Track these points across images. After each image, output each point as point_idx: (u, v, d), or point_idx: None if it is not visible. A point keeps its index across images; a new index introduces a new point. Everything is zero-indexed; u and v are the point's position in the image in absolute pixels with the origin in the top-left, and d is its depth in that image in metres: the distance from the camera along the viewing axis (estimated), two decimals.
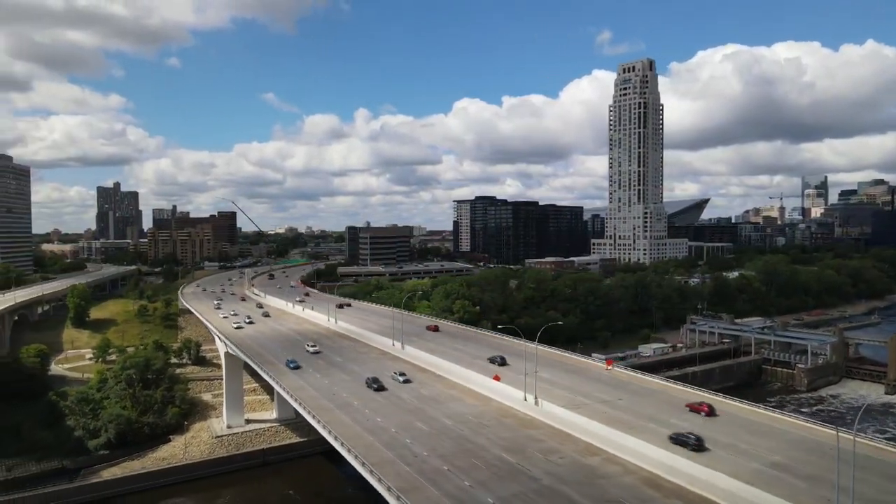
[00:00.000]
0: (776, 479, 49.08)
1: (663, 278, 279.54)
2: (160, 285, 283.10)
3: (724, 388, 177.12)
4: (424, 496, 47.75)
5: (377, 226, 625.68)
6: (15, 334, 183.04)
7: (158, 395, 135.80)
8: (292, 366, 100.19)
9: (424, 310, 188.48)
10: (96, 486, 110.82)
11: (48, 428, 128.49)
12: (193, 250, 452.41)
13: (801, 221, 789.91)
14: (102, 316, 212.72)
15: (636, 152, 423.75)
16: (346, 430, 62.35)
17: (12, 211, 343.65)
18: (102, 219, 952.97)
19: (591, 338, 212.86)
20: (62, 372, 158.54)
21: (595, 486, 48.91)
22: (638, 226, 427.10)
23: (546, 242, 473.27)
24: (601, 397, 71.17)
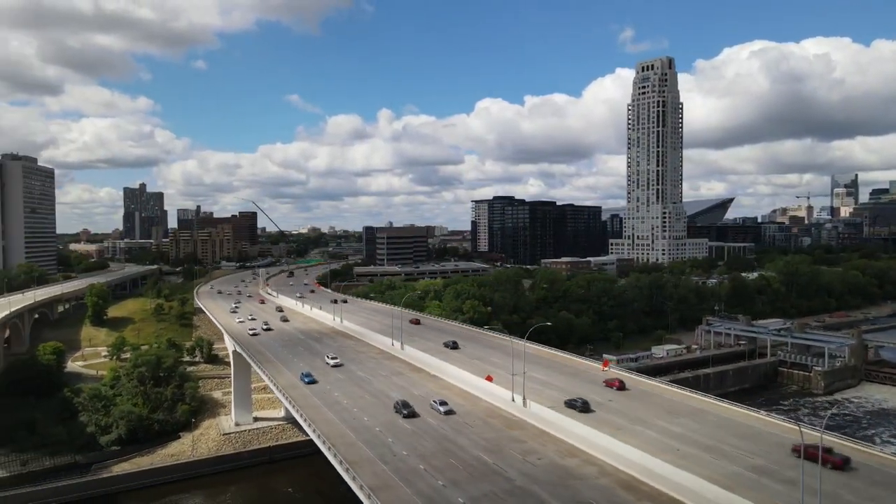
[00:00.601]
0: (755, 483, 48.73)
1: (679, 279, 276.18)
2: (178, 284, 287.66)
3: (738, 391, 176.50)
4: (395, 495, 48.09)
5: (399, 226, 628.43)
6: (35, 332, 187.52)
7: (169, 393, 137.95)
8: (307, 380, 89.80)
9: (435, 310, 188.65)
10: (106, 481, 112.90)
11: (62, 423, 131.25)
12: (213, 250, 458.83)
13: (828, 221, 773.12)
14: (120, 314, 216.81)
15: (655, 151, 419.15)
16: (330, 429, 63.04)
17: (36, 211, 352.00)
18: (129, 219, 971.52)
19: (605, 338, 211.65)
20: (78, 369, 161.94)
21: (568, 488, 48.72)
22: (657, 226, 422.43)
23: (564, 243, 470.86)
24: (593, 398, 70.79)
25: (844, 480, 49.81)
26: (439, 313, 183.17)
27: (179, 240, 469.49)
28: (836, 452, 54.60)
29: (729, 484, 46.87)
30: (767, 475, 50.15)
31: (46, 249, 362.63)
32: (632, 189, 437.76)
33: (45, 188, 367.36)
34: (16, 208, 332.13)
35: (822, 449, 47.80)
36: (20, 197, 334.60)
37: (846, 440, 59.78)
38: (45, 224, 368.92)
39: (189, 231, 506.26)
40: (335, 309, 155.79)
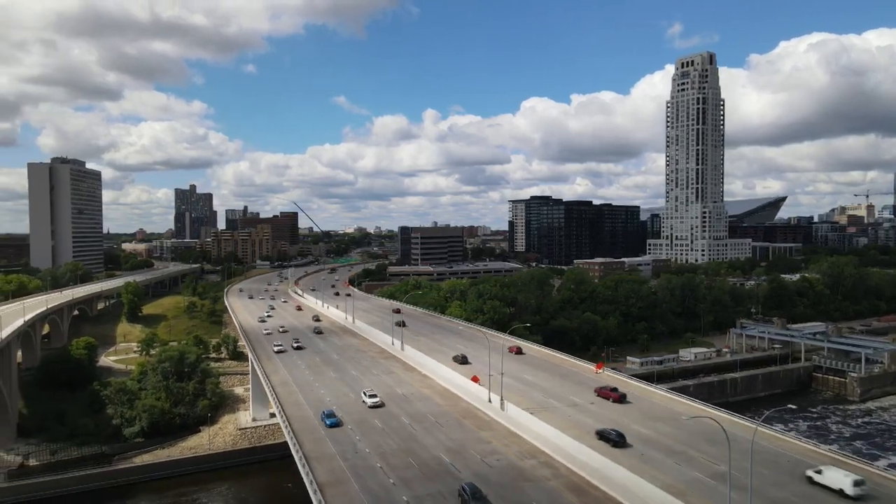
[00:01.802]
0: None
1: (715, 280, 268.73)
2: (214, 283, 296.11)
3: (768, 396, 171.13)
4: (341, 491, 48.79)
5: (444, 225, 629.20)
6: (74, 327, 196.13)
7: (190, 388, 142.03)
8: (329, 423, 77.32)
9: (456, 310, 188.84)
10: (127, 472, 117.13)
11: (91, 415, 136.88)
12: (253, 249, 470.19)
13: (888, 220, 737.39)
14: (156, 312, 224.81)
15: (694, 150, 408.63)
16: (303, 425, 64.36)
17: (84, 212, 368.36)
18: (179, 219, 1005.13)
19: (632, 340, 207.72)
20: (110, 363, 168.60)
21: (515, 489, 48.53)
22: (696, 225, 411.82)
23: (600, 243, 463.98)
24: (574, 400, 69.98)
25: (622, 409, 70.89)
26: (460, 314, 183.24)
27: (221, 239, 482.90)
28: (619, 391, 76.04)
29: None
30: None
31: (93, 248, 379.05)
32: (671, 188, 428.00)
33: (92, 190, 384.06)
34: (64, 210, 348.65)
35: (609, 388, 75.60)
36: (68, 199, 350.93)
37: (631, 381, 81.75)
38: (92, 224, 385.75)
39: (230, 231, 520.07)
40: (348, 308, 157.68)
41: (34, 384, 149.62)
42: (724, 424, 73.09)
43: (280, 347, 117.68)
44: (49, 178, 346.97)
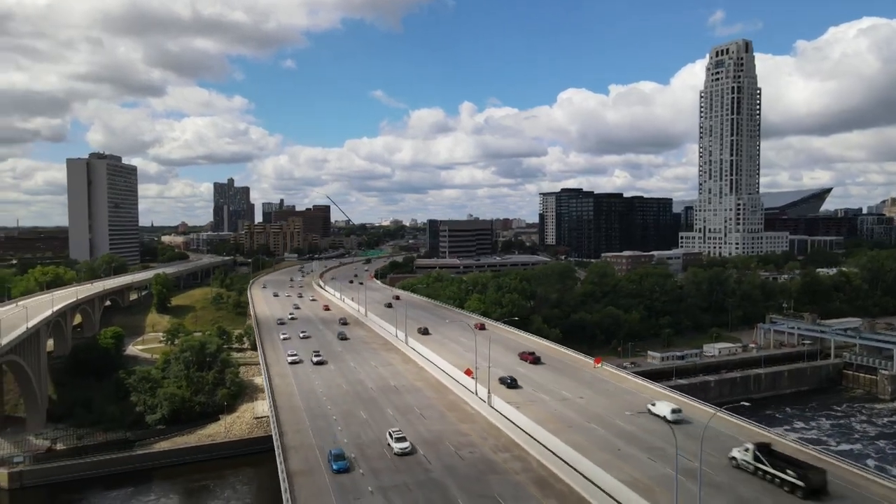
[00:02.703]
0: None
1: (745, 274, 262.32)
2: (243, 275, 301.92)
3: (794, 393, 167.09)
4: (311, 480, 49.72)
5: (476, 218, 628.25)
6: (106, 317, 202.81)
7: (210, 377, 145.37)
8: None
9: (474, 303, 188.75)
10: (147, 457, 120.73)
11: (116, 402, 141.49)
12: (284, 242, 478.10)
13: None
14: (185, 303, 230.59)
15: (729, 140, 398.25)
16: (291, 416, 65.64)
17: (120, 206, 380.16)
18: (218, 212, 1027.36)
19: (655, 335, 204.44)
20: (136, 352, 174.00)
21: (481, 482, 48.68)
22: (730, 218, 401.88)
23: (631, 236, 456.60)
24: (564, 394, 69.61)
25: (538, 369, 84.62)
26: (478, 307, 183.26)
27: (253, 232, 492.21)
28: (535, 354, 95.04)
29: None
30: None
31: (129, 241, 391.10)
32: (703, 180, 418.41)
33: (128, 184, 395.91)
34: (101, 203, 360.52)
35: (528, 352, 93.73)
36: (105, 193, 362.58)
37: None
38: (129, 217, 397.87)
39: (262, 224, 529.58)
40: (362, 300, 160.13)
41: (64, 372, 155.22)
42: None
43: (286, 336, 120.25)
44: (87, 173, 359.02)
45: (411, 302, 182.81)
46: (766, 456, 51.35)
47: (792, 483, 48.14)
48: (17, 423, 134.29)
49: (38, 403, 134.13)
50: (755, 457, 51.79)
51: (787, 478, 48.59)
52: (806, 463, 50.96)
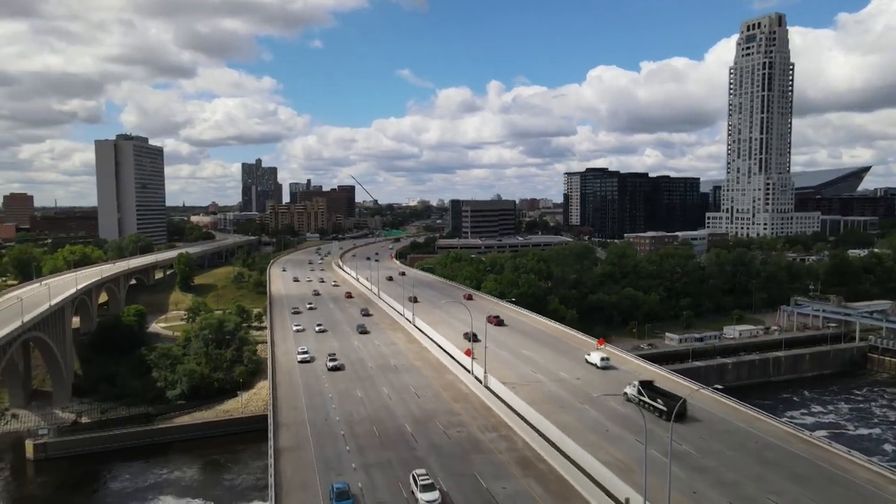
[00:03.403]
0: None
1: (770, 255, 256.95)
2: (266, 255, 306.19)
3: (815, 377, 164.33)
4: (297, 456, 50.81)
5: (511, 199, 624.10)
6: (132, 295, 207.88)
7: (228, 355, 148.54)
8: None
9: (490, 284, 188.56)
10: (166, 431, 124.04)
11: (138, 378, 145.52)
12: (308, 222, 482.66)
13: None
14: (208, 282, 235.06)
15: (759, 118, 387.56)
16: (288, 391, 67.06)
17: (147, 187, 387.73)
18: (246, 193, 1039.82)
19: (675, 317, 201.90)
20: (159, 330, 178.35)
21: (464, 461, 49.17)
22: (758, 198, 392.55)
23: (656, 216, 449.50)
24: (561, 375, 69.55)
25: (501, 330, 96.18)
26: (494, 287, 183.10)
27: (278, 212, 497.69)
28: (500, 317, 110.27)
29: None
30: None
31: (156, 221, 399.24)
32: (732, 159, 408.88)
33: (154, 165, 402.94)
34: (129, 184, 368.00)
35: (493, 315, 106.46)
36: (132, 174, 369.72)
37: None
38: (155, 198, 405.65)
39: (286, 204, 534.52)
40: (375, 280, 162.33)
41: (90, 348, 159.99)
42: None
43: (296, 309, 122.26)
44: (114, 154, 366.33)
45: (416, 278, 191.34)
46: (646, 390, 63.84)
47: (659, 409, 61.08)
48: (44, 397, 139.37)
49: (63, 378, 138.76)
50: (638, 391, 64.30)
51: (656, 405, 61.96)
52: (673, 394, 63.18)
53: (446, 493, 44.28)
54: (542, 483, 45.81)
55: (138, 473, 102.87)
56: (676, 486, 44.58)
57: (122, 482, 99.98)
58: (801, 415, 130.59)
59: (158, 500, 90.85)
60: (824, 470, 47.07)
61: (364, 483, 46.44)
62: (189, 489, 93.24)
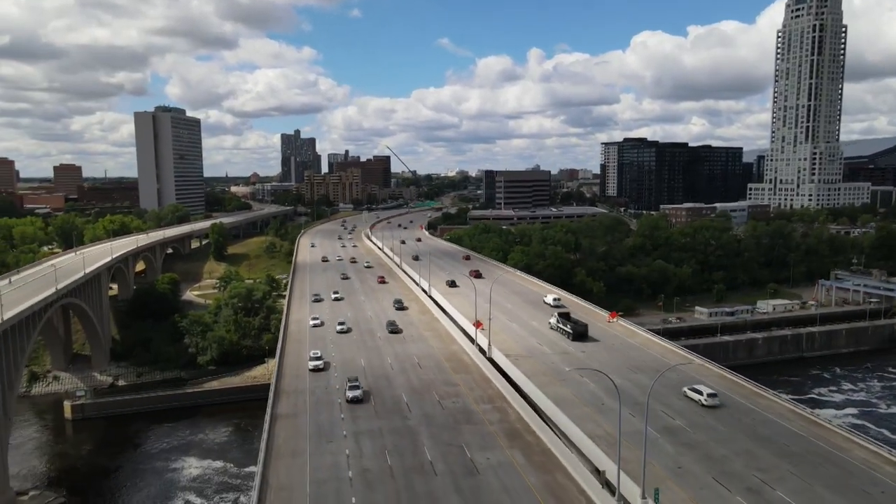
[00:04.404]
0: None
1: (812, 227, 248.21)
2: (299, 225, 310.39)
3: (852, 353, 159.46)
4: (292, 423, 52.15)
5: (547, 169, 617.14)
6: (168, 264, 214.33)
7: (256, 323, 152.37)
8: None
9: (517, 255, 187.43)
10: (194, 395, 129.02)
11: (172, 344, 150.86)
12: (343, 192, 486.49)
13: None
14: (242, 251, 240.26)
15: (807, 84, 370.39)
16: (293, 360, 68.47)
17: (185, 158, 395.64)
18: (286, 163, 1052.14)
19: (707, 290, 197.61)
20: (192, 298, 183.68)
21: (453, 431, 49.67)
22: (804, 168, 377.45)
23: (695, 187, 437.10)
24: (566, 348, 69.18)
25: (478, 281, 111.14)
26: (520, 259, 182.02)
27: (313, 183, 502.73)
28: (479, 271, 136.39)
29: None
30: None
31: (194, 191, 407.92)
32: (777, 127, 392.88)
33: (191, 136, 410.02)
34: (167, 155, 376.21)
35: (473, 270, 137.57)
36: (170, 145, 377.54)
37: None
38: (193, 168, 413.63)
39: (323, 175, 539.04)
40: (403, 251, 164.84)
41: (127, 314, 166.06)
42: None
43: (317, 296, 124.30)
44: (153, 125, 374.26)
45: (432, 245, 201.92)
46: (562, 319, 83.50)
47: (567, 332, 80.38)
48: (83, 361, 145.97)
49: (101, 343, 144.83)
50: (557, 320, 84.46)
51: (565, 329, 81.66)
52: (579, 321, 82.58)
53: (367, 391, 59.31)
54: (527, 454, 46.05)
55: (166, 434, 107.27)
56: (662, 462, 44.28)
57: (151, 442, 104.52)
58: (829, 392, 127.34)
59: (182, 460, 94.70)
60: (819, 448, 46.05)
61: (351, 450, 47.42)
62: (211, 451, 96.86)
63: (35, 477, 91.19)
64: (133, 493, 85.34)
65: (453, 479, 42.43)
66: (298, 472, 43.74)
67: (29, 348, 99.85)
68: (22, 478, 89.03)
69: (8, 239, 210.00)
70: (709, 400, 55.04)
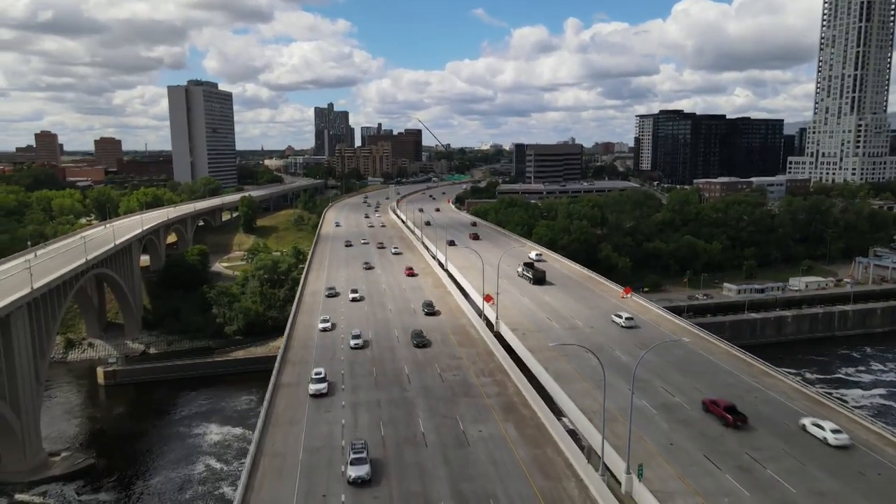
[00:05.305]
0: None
1: (852, 203, 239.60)
2: (327, 198, 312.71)
3: (888, 333, 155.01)
4: (294, 392, 53.37)
5: (585, 143, 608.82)
6: (199, 236, 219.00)
7: (281, 294, 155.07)
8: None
9: (542, 230, 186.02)
10: (221, 364, 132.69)
11: (201, 314, 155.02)
12: (374, 166, 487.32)
13: None
14: (271, 224, 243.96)
15: (854, 52, 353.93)
16: (303, 332, 69.60)
17: (217, 131, 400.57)
18: (319, 137, 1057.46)
19: (737, 267, 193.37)
20: (221, 269, 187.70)
21: (450, 403, 50.22)
22: (848, 140, 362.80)
23: (733, 161, 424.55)
24: (575, 323, 68.75)
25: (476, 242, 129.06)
26: (544, 233, 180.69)
27: (344, 156, 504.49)
28: (477, 234, 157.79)
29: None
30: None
31: (226, 164, 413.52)
32: (821, 98, 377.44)
33: (223, 110, 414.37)
34: (200, 128, 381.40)
35: (472, 233, 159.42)
36: (202, 118, 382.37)
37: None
38: (225, 142, 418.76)
39: (353, 148, 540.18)
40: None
41: (158, 285, 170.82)
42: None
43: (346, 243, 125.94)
44: (185, 99, 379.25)
45: (453, 217, 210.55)
46: (525, 267, 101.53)
47: (529, 277, 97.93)
48: (117, 329, 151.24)
49: (133, 312, 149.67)
50: (522, 268, 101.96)
51: (526, 275, 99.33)
52: (539, 268, 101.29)
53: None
54: (520, 428, 46.26)
55: (191, 401, 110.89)
56: (655, 438, 44.09)
57: (176, 408, 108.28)
58: (857, 372, 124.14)
59: (203, 426, 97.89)
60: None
61: (347, 420, 48.36)
62: (231, 419, 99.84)
63: (67, 439, 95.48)
64: (157, 457, 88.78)
65: (443, 451, 43.00)
66: (294, 440, 44.93)
67: (59, 317, 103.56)
68: (54, 440, 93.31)
69: (47, 211, 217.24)
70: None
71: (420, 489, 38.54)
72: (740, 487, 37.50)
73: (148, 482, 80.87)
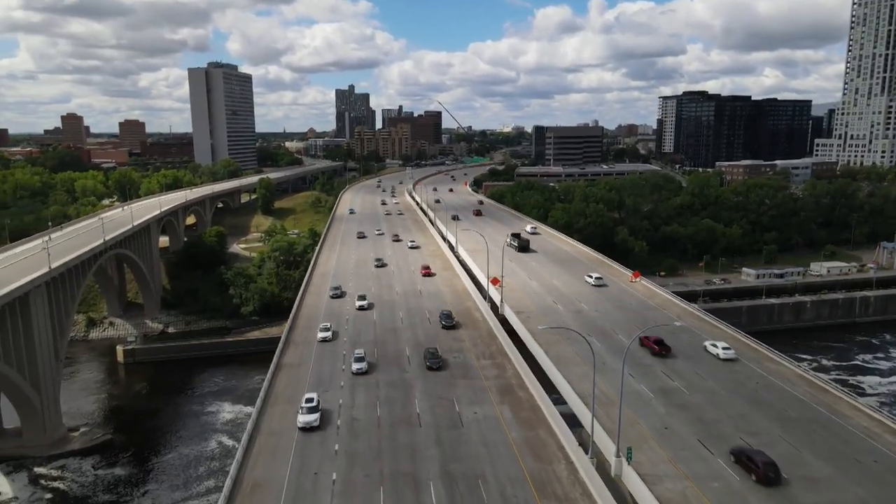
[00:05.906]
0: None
1: (879, 187, 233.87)
2: (344, 180, 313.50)
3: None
4: (295, 372, 54.64)
5: (609, 125, 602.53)
6: (217, 217, 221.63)
7: (296, 275, 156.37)
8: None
9: (558, 213, 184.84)
10: (237, 344, 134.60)
11: (218, 294, 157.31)
12: (393, 148, 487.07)
13: None
14: (288, 206, 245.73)
15: (885, 30, 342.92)
16: (309, 312, 70.49)
17: (237, 114, 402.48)
18: (340, 119, 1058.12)
19: (758, 251, 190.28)
20: (238, 250, 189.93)
21: (447, 385, 50.96)
22: (878, 122, 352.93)
23: (758, 143, 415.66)
24: (580, 307, 68.53)
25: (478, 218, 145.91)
26: (560, 217, 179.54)
27: (363, 138, 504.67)
28: (480, 210, 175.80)
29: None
30: None
31: (246, 146, 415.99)
32: (850, 79, 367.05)
33: (243, 92, 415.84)
34: (220, 110, 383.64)
35: (475, 209, 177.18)
36: (223, 101, 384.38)
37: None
38: (246, 124, 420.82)
39: (373, 131, 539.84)
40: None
41: (177, 265, 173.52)
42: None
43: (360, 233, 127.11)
44: (205, 81, 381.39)
45: (464, 198, 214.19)
46: (512, 237, 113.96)
47: (514, 245, 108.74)
48: (137, 309, 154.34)
49: (152, 292, 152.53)
50: (510, 238, 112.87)
51: (512, 243, 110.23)
52: (524, 238, 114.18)
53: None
54: (514, 410, 46.47)
55: (206, 380, 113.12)
56: (650, 422, 43.91)
57: (192, 387, 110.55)
58: (875, 359, 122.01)
59: (217, 404, 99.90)
60: (819, 414, 44.67)
61: (345, 400, 48.97)
62: (242, 398, 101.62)
63: (86, 415, 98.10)
64: (172, 434, 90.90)
65: (436, 432, 43.41)
66: (291, 419, 45.64)
67: (78, 296, 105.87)
68: (73, 415, 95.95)
69: (70, 192, 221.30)
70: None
71: (410, 469, 38.99)
72: (738, 482, 37.21)
73: (162, 458, 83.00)
